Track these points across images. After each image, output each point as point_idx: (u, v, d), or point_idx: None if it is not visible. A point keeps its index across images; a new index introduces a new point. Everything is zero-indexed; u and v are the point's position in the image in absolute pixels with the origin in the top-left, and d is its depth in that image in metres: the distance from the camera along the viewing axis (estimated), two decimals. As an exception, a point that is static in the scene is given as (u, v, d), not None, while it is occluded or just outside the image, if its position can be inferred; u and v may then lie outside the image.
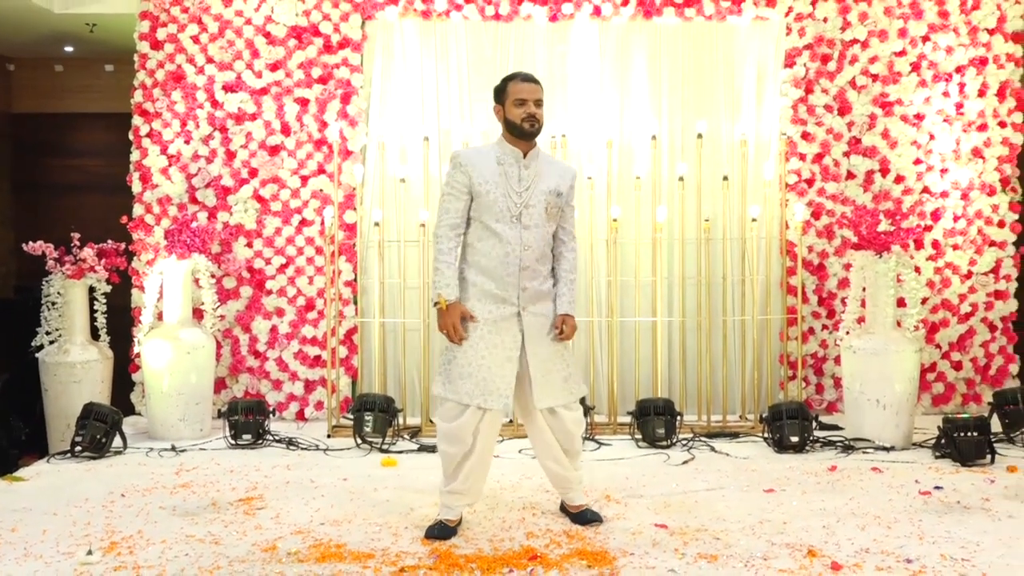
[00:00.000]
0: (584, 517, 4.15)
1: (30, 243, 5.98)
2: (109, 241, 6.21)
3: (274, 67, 6.56)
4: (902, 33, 6.62)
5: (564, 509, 4.25)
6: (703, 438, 5.82)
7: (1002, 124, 6.68)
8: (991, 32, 6.66)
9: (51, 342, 6.07)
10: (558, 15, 6.55)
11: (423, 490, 4.67)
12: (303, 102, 6.56)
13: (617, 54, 6.66)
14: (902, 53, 6.64)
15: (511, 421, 5.76)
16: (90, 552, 3.75)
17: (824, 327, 6.64)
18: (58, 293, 6.03)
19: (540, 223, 3.95)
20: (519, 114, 3.92)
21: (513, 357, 3.92)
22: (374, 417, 5.63)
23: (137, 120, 6.58)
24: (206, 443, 5.81)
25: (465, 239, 4.01)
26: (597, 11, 6.55)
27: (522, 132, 3.94)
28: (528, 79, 3.98)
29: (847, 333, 5.94)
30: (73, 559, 3.70)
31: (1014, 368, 6.73)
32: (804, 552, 3.75)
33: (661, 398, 5.84)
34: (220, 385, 6.49)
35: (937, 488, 4.70)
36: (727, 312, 6.44)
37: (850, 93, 6.62)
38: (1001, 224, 6.69)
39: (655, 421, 5.65)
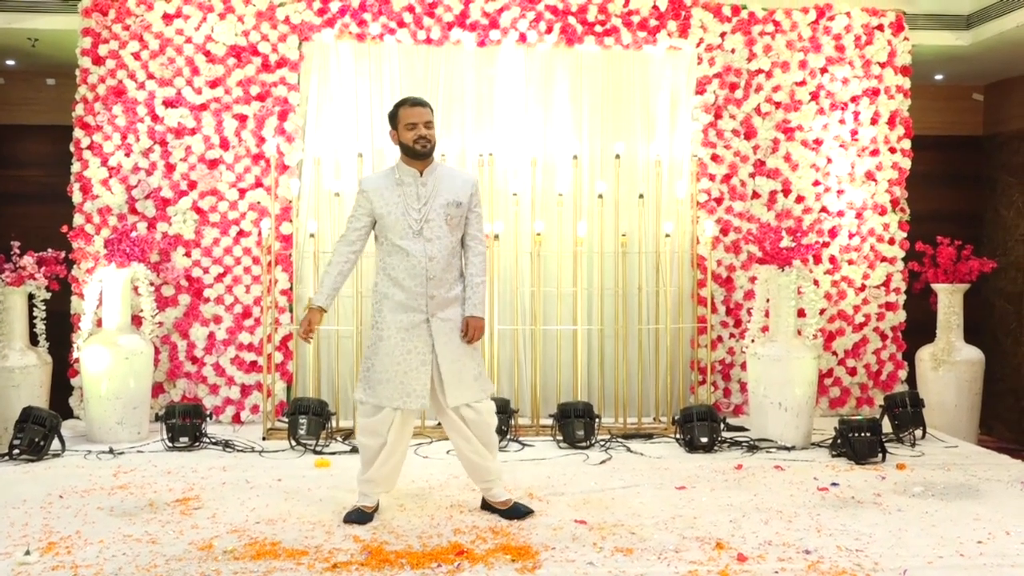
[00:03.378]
0: (517, 511, 4.15)
1: (-30, 251, 5.80)
2: (49, 250, 6.05)
3: (213, 84, 6.46)
4: (802, 65, 6.78)
5: (489, 507, 4.24)
6: (620, 439, 5.84)
7: (892, 150, 6.87)
8: (882, 65, 6.85)
9: (-10, 348, 5.90)
10: (486, 41, 6.56)
11: (355, 490, 4.57)
12: (241, 118, 6.47)
13: (541, 79, 6.70)
14: (802, 83, 6.79)
15: (438, 424, 5.72)
16: (28, 552, 3.63)
17: (731, 335, 6.73)
18: (-3, 300, 5.86)
19: (442, 235, 4.04)
20: (411, 137, 4.00)
21: (427, 360, 4.00)
22: (308, 420, 5.56)
23: (78, 133, 6.43)
24: (144, 446, 5.68)
25: (378, 256, 4.11)
26: (523, 38, 6.58)
27: (415, 153, 4.03)
28: (417, 103, 4.05)
29: (752, 341, 6.04)
30: (11, 559, 3.57)
31: (903, 374, 6.90)
32: (713, 545, 3.79)
33: (581, 402, 5.85)
34: (158, 390, 6.36)
35: (834, 484, 4.80)
36: (642, 321, 6.50)
37: (755, 119, 6.75)
38: (891, 242, 6.88)
39: (575, 423, 5.67)
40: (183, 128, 6.45)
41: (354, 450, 5.50)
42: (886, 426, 5.77)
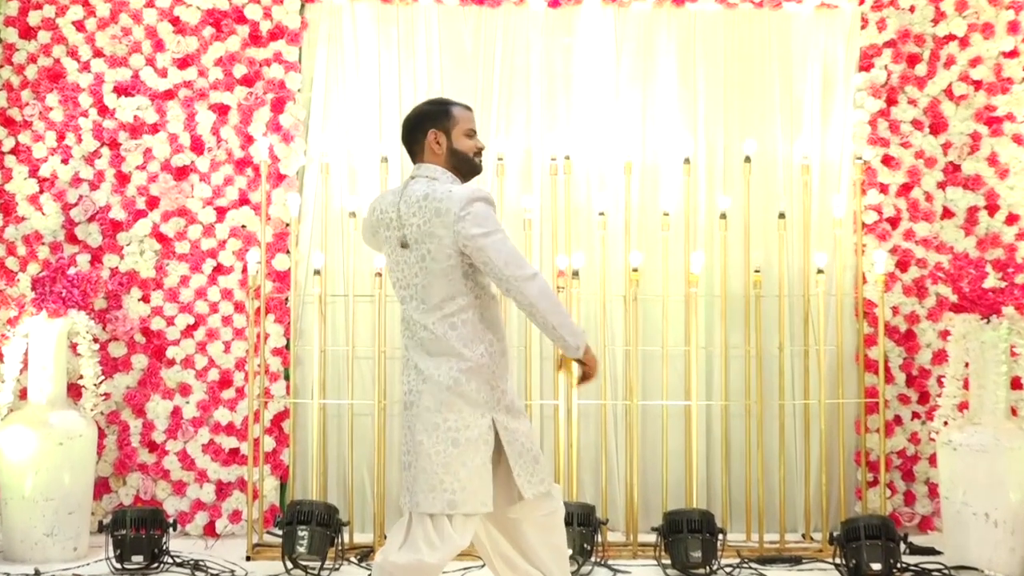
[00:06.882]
0: None
1: None
2: (-44, 293, 6.15)
3: (183, 63, 6.56)
4: (1013, 28, 6.68)
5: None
6: (753, 564, 5.82)
7: None
8: None
9: None
10: (561, -1, 6.60)
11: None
12: (221, 110, 6.55)
13: (639, 50, 6.72)
14: (1013, 54, 6.70)
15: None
16: None
17: (915, 415, 6.62)
18: None
19: None
20: (472, 146, 4.10)
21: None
22: (310, 533, 5.55)
23: (-1, 131, 6.54)
24: (82, 567, 5.70)
25: (479, 313, 3.98)
26: (613, -6, 6.66)
27: (473, 168, 4.11)
28: (468, 107, 4.19)
29: (945, 424, 5.95)
30: None
31: None
32: None
33: (697, 509, 5.87)
34: (103, 488, 6.39)
35: (1073, 638, 4.67)
36: (785, 395, 6.41)
37: (945, 105, 6.68)
38: None
39: (689, 541, 5.63)
40: (141, 124, 6.53)
41: (374, 578, 5.43)
42: None
